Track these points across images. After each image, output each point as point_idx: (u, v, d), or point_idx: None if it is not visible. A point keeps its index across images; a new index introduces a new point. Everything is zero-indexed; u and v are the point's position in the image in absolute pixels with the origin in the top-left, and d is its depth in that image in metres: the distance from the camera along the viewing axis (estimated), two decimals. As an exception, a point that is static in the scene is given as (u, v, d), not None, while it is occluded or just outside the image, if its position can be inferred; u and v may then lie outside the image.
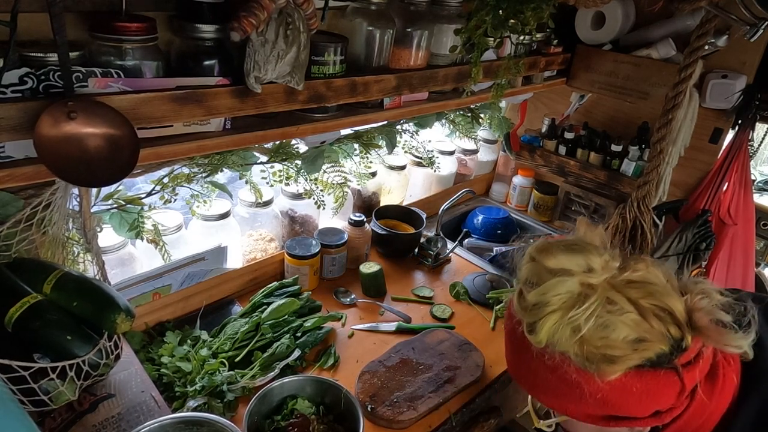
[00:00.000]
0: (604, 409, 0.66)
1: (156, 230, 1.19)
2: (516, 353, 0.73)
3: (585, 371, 0.63)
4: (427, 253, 1.70)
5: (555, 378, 0.66)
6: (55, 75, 0.70)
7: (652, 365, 0.62)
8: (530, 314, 0.66)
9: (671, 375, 0.63)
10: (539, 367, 0.67)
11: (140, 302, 1.20)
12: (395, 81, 1.11)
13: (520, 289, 0.69)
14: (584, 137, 1.87)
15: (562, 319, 0.62)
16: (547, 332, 0.63)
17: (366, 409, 1.11)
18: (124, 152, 0.75)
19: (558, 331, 0.62)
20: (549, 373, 0.66)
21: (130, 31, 0.76)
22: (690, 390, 0.64)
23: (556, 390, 0.68)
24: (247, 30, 0.78)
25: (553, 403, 0.71)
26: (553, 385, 0.67)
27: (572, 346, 0.62)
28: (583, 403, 0.66)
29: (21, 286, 0.85)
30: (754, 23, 1.23)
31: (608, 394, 0.63)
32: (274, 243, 1.53)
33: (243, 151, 1.24)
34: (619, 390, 0.63)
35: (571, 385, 0.64)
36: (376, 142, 1.59)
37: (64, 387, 0.81)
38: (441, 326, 1.42)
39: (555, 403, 0.71)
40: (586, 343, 0.61)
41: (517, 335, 0.69)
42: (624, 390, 0.63)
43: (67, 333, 0.83)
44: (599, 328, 0.61)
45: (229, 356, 1.17)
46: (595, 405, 0.65)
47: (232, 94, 0.85)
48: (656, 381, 0.62)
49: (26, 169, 0.73)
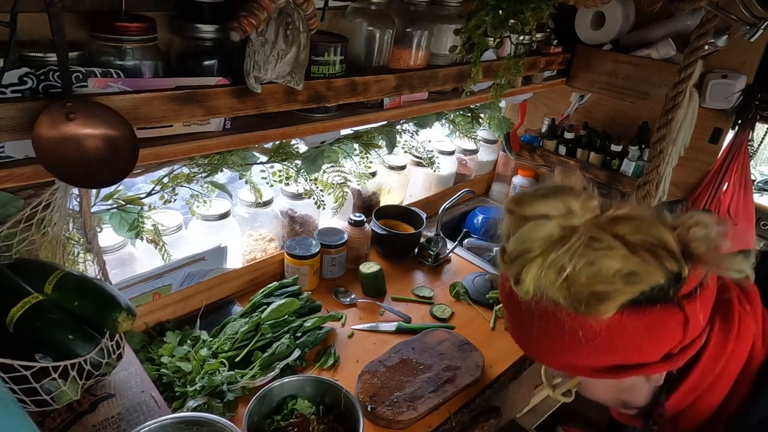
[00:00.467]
0: (609, 356, 0.63)
1: (156, 230, 1.19)
2: (513, 316, 0.69)
3: (578, 315, 0.60)
4: (427, 253, 1.70)
5: (551, 330, 0.63)
6: (54, 75, 0.71)
7: (648, 300, 0.59)
8: (513, 266, 0.63)
9: (671, 308, 0.60)
10: (533, 322, 0.64)
11: (140, 302, 1.21)
12: (395, 81, 1.11)
13: (503, 245, 0.66)
14: (584, 137, 1.87)
15: (544, 262, 0.60)
16: (532, 279, 0.60)
17: (366, 409, 1.11)
18: (123, 153, 0.75)
19: (542, 277, 0.60)
20: (543, 326, 0.63)
21: (130, 31, 0.76)
22: (697, 325, 0.61)
23: (554, 344, 0.65)
24: (247, 30, 0.78)
25: (557, 360, 0.68)
26: (550, 340, 0.65)
27: (560, 290, 0.59)
28: (584, 354, 0.63)
29: (22, 286, 0.85)
30: (754, 23, 1.23)
31: (606, 337, 0.60)
32: (274, 243, 1.53)
33: (243, 151, 1.24)
34: (618, 330, 0.60)
35: (567, 334, 0.61)
36: (376, 142, 1.59)
37: (66, 386, 0.81)
38: (441, 326, 1.42)
39: (558, 361, 0.68)
40: (573, 284, 0.59)
41: (508, 295, 0.67)
42: (622, 330, 0.60)
43: (69, 332, 0.83)
44: (585, 266, 0.58)
45: (229, 356, 1.17)
46: (597, 353, 0.62)
47: (232, 94, 0.85)
48: (655, 316, 0.60)
49: (26, 169, 0.73)
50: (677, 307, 0.60)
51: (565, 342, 0.62)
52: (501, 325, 1.49)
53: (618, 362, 0.63)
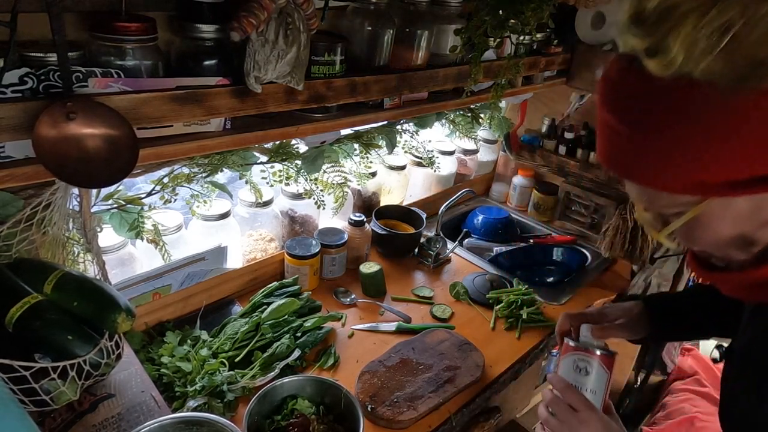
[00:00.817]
0: (762, 157, 0.47)
1: (156, 230, 1.19)
2: (623, 115, 0.53)
3: (735, 93, 0.45)
4: (427, 253, 1.70)
5: (684, 126, 0.48)
6: (55, 75, 0.71)
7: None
8: (651, 30, 0.48)
9: None
10: (659, 117, 0.49)
11: (140, 302, 1.21)
12: (395, 81, 1.11)
13: (633, 6, 0.51)
14: (584, 137, 1.87)
15: (702, 19, 0.45)
16: (683, 43, 0.46)
17: (366, 409, 1.11)
18: (123, 153, 0.75)
19: (698, 39, 0.45)
20: (675, 121, 0.48)
21: (130, 31, 0.76)
22: None
23: (686, 148, 0.49)
24: (247, 30, 0.78)
25: (683, 174, 0.51)
26: (681, 141, 0.49)
27: (717, 59, 0.45)
28: (727, 157, 0.48)
29: (22, 286, 0.85)
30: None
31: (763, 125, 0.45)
32: (274, 243, 1.53)
33: (243, 151, 1.24)
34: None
35: (709, 129, 0.47)
36: (376, 142, 1.59)
37: (65, 387, 0.81)
38: (441, 326, 1.42)
39: (686, 174, 0.50)
40: (738, 48, 0.44)
41: (620, 83, 0.52)
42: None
43: (68, 333, 0.83)
44: (760, 21, 0.43)
45: (229, 356, 1.17)
46: (745, 154, 0.47)
47: (232, 94, 0.85)
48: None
49: (26, 169, 0.73)
50: None
51: (704, 141, 0.48)
52: (501, 325, 1.49)
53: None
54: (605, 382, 0.80)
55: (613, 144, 0.55)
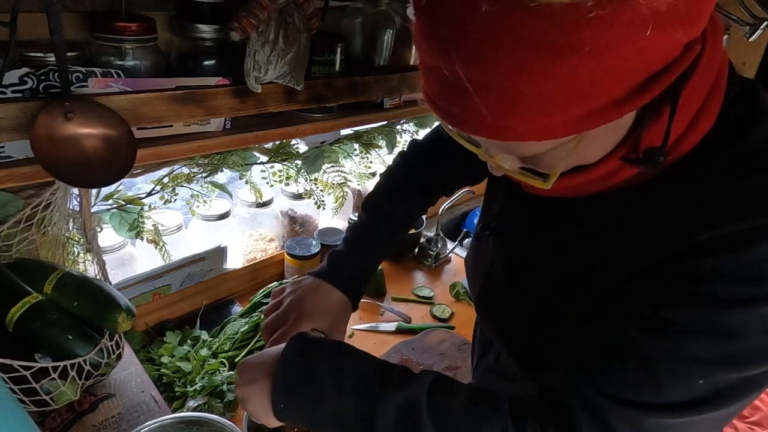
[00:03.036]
0: (629, 71, 0.40)
1: (156, 230, 1.19)
2: (469, 43, 0.40)
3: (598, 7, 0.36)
4: (427, 253, 1.70)
5: (571, 52, 0.38)
6: (55, 75, 0.71)
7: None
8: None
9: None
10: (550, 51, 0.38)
11: (140, 302, 1.21)
12: (395, 81, 1.11)
13: None
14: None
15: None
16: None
17: (366, 409, 1.11)
18: (121, 153, 0.75)
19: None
20: (566, 47, 0.38)
21: (130, 31, 0.76)
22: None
23: (576, 75, 0.39)
24: (247, 30, 0.78)
25: (568, 108, 0.42)
26: (571, 70, 0.39)
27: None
28: (612, 70, 0.39)
29: (22, 286, 0.85)
30: (753, 23, 1.23)
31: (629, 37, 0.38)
32: (274, 243, 1.53)
33: (243, 151, 1.24)
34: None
35: (595, 47, 0.38)
36: (376, 142, 1.59)
37: (65, 387, 0.81)
38: (441, 326, 1.42)
39: (571, 108, 0.42)
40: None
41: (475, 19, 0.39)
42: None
43: (68, 333, 0.83)
44: None
45: (229, 356, 1.17)
46: (626, 60, 0.39)
47: (232, 94, 0.85)
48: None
49: (26, 169, 0.74)
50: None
51: (591, 67, 0.39)
52: (501, 325, 1.49)
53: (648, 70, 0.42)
54: None
55: (471, 99, 0.43)
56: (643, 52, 0.40)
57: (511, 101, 0.42)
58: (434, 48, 0.43)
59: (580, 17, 0.36)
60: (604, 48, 0.38)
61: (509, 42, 0.38)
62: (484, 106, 0.43)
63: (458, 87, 0.43)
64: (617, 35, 0.37)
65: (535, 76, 0.39)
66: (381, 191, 0.96)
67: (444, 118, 0.49)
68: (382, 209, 0.93)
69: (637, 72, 0.41)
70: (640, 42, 0.38)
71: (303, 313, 0.81)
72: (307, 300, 0.82)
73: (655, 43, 0.39)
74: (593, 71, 0.39)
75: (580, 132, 0.45)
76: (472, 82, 0.42)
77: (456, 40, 0.41)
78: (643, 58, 0.40)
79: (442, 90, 0.46)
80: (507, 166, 0.55)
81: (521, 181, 0.55)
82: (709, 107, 0.50)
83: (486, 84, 0.41)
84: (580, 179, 0.55)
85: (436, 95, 0.48)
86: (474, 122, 0.45)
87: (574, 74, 0.39)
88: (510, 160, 0.55)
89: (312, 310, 0.81)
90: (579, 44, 0.37)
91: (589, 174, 0.54)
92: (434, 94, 0.48)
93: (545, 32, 0.37)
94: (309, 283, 0.84)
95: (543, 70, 0.39)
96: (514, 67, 0.39)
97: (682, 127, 0.50)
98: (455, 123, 0.47)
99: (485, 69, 0.40)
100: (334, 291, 0.84)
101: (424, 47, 0.45)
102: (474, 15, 0.39)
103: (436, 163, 0.96)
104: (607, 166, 0.53)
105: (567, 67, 0.39)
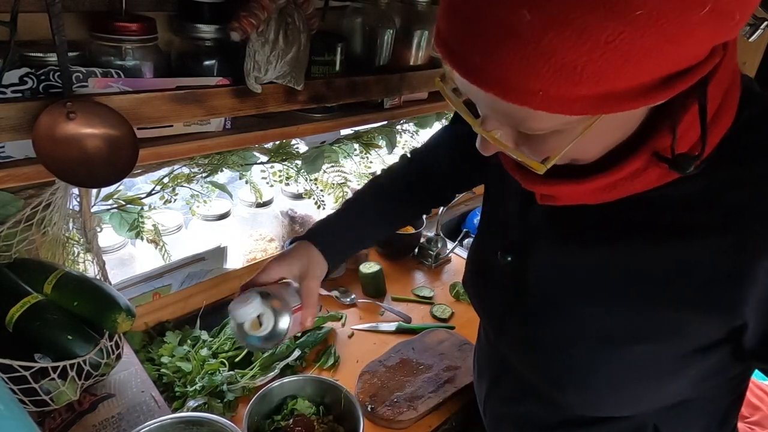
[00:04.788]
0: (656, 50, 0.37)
1: (156, 230, 1.19)
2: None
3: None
4: (427, 253, 1.70)
5: (623, 15, 0.35)
6: (55, 75, 0.71)
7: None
8: None
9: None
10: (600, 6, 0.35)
11: (140, 302, 1.20)
12: (395, 81, 1.11)
13: None
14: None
15: None
16: None
17: (366, 409, 1.11)
18: (123, 153, 0.75)
19: None
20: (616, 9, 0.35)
21: (130, 31, 0.76)
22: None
23: (618, 42, 0.36)
24: (247, 30, 0.78)
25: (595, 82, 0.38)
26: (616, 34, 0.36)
27: None
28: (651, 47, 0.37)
29: (22, 286, 0.85)
30: (753, 23, 1.23)
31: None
32: (274, 243, 1.53)
33: (243, 151, 1.24)
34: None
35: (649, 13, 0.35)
36: (376, 142, 1.59)
37: (65, 387, 0.81)
38: (441, 326, 1.42)
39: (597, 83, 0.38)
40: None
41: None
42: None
43: (68, 333, 0.83)
44: None
45: (229, 356, 1.17)
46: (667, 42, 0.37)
47: (232, 94, 0.85)
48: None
49: (26, 169, 0.74)
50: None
51: (636, 37, 0.36)
52: (501, 325, 1.49)
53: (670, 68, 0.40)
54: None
55: (501, 48, 0.38)
56: (687, 37, 0.37)
57: (544, 57, 0.37)
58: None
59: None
60: (655, 17, 0.35)
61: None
62: (513, 58, 0.38)
63: (492, 31, 0.38)
64: (673, 6, 0.35)
65: (578, 35, 0.36)
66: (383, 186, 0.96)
67: (457, 66, 0.43)
68: (379, 208, 0.94)
69: (669, 61, 0.39)
70: (690, 22, 0.36)
71: (274, 260, 0.81)
72: (283, 254, 0.82)
73: (700, 30, 0.37)
74: (633, 45, 0.36)
75: (593, 113, 0.41)
76: (510, 25, 0.37)
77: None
78: (682, 46, 0.38)
79: (467, 33, 0.40)
80: (503, 141, 0.50)
81: (518, 169, 0.53)
82: (727, 110, 0.49)
83: (525, 32, 0.37)
84: (605, 180, 0.52)
85: (456, 39, 0.42)
86: (492, 77, 0.40)
87: (614, 42, 0.36)
88: (507, 137, 0.50)
89: (283, 255, 0.81)
90: (633, 5, 0.35)
91: (614, 174, 0.51)
92: (455, 37, 0.42)
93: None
94: (292, 246, 0.84)
95: (588, 28, 0.35)
96: (562, 17, 0.36)
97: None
98: (469, 74, 0.42)
99: (531, 11, 0.36)
100: (311, 247, 0.83)
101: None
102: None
103: (435, 174, 0.97)
104: (635, 163, 0.50)
105: (612, 30, 0.35)
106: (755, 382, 1.66)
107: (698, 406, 0.65)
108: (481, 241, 0.84)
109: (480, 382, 0.94)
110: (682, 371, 0.59)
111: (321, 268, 0.83)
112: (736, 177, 0.50)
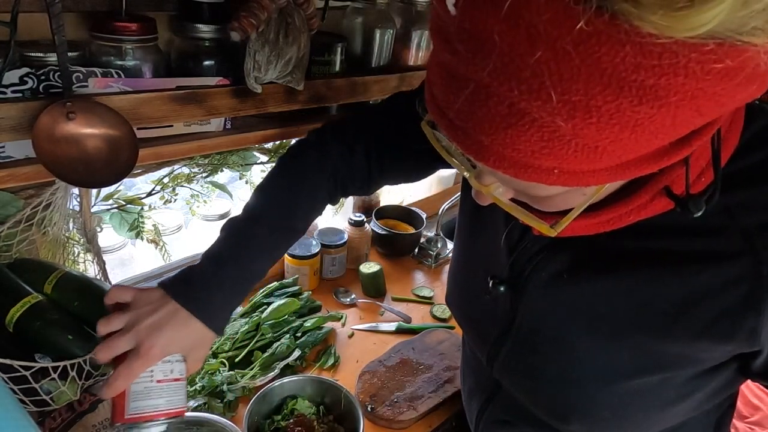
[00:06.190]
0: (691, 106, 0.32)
1: (156, 230, 1.19)
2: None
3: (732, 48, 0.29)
4: (427, 253, 1.70)
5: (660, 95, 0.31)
6: (55, 75, 0.71)
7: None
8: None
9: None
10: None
11: (140, 302, 1.20)
12: (395, 81, 1.11)
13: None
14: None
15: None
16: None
17: (366, 409, 1.11)
18: (123, 153, 0.75)
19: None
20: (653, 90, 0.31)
21: (130, 31, 0.76)
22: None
23: (651, 118, 0.32)
24: (247, 30, 0.78)
25: (617, 156, 0.35)
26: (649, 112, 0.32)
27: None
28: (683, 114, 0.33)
29: (22, 286, 0.85)
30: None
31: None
32: (274, 243, 1.53)
33: (243, 151, 1.24)
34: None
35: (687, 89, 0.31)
36: (376, 142, 1.59)
37: (65, 387, 0.81)
38: (441, 326, 1.42)
39: (618, 155, 0.35)
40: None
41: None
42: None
43: (69, 333, 0.83)
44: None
45: (229, 356, 1.17)
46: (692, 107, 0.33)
47: (232, 94, 0.85)
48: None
49: (26, 169, 0.74)
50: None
51: (668, 112, 0.32)
52: (501, 325, 1.48)
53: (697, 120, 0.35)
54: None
55: (512, 130, 0.34)
56: (721, 106, 0.34)
57: (563, 140, 0.34)
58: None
59: (679, 60, 0.29)
60: (690, 98, 0.31)
61: (588, 72, 0.30)
62: (527, 141, 0.34)
63: (503, 111, 0.34)
64: (712, 82, 0.31)
65: (607, 120, 0.32)
66: (276, 185, 0.83)
67: (460, 142, 0.39)
68: (274, 209, 0.80)
69: (697, 124, 0.36)
70: (721, 93, 0.32)
71: (156, 344, 0.64)
72: (166, 330, 0.65)
73: (729, 95, 0.33)
74: (663, 123, 0.33)
75: (611, 182, 0.38)
76: (525, 108, 0.33)
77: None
78: (709, 109, 0.34)
79: (473, 111, 0.36)
80: (502, 198, 0.46)
81: (525, 222, 0.47)
82: (734, 131, 0.48)
83: (543, 116, 0.33)
84: (611, 214, 0.49)
85: (459, 115, 0.37)
86: (501, 156, 0.37)
87: (644, 124, 0.33)
88: (508, 191, 0.47)
89: (169, 343, 0.65)
90: (672, 90, 0.31)
91: (620, 208, 0.48)
92: (457, 113, 0.37)
93: (635, 68, 0.30)
94: (167, 308, 0.66)
95: (618, 114, 0.32)
96: (586, 103, 0.32)
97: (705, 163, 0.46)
98: (475, 152, 0.38)
99: (551, 97, 0.32)
100: (194, 321, 0.67)
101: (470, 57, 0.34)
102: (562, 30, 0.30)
103: (358, 154, 0.83)
104: (643, 197, 0.47)
105: (644, 114, 0.32)
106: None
107: (696, 420, 0.65)
108: (465, 263, 0.78)
109: (470, 402, 0.90)
110: (690, 395, 0.58)
111: (209, 342, 0.71)
112: (749, 199, 0.47)
